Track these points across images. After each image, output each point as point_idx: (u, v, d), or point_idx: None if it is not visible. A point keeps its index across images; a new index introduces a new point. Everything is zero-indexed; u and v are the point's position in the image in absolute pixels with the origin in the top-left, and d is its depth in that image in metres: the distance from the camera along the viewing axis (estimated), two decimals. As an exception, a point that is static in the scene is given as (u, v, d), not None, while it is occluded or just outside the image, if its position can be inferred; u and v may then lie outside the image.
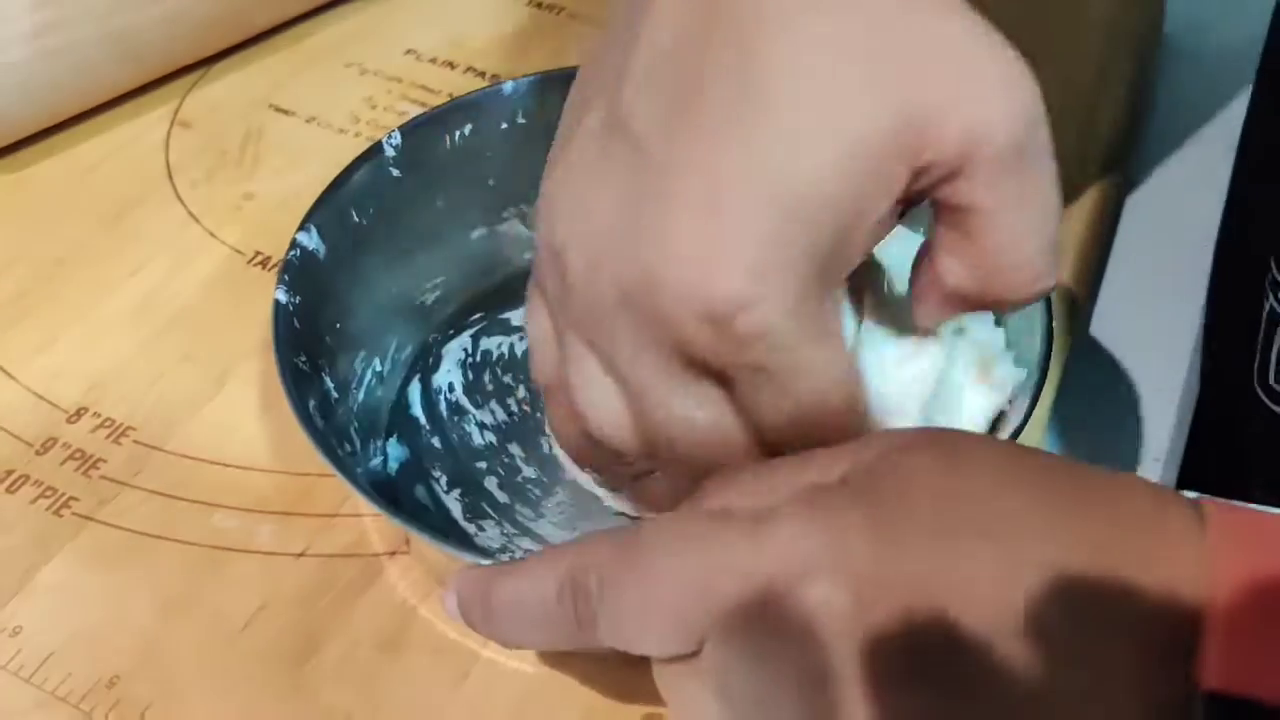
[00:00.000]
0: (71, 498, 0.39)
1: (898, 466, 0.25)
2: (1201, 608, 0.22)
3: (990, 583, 0.23)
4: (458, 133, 0.43)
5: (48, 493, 0.40)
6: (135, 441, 0.41)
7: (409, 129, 0.42)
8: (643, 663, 0.27)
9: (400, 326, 0.42)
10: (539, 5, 0.59)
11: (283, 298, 0.37)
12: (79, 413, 0.42)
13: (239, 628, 0.36)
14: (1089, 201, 0.50)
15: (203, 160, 0.51)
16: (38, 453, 0.41)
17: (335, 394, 0.38)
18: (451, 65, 0.56)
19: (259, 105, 0.53)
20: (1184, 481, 0.42)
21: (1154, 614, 0.22)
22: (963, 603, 0.23)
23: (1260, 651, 0.22)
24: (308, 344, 0.38)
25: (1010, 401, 0.34)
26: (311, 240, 0.39)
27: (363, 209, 0.41)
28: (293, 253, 0.38)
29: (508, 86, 0.43)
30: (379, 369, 0.41)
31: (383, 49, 0.56)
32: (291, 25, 0.57)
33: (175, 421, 0.42)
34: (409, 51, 0.56)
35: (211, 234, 0.48)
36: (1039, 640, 0.22)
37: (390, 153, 0.41)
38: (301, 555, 0.38)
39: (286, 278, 0.38)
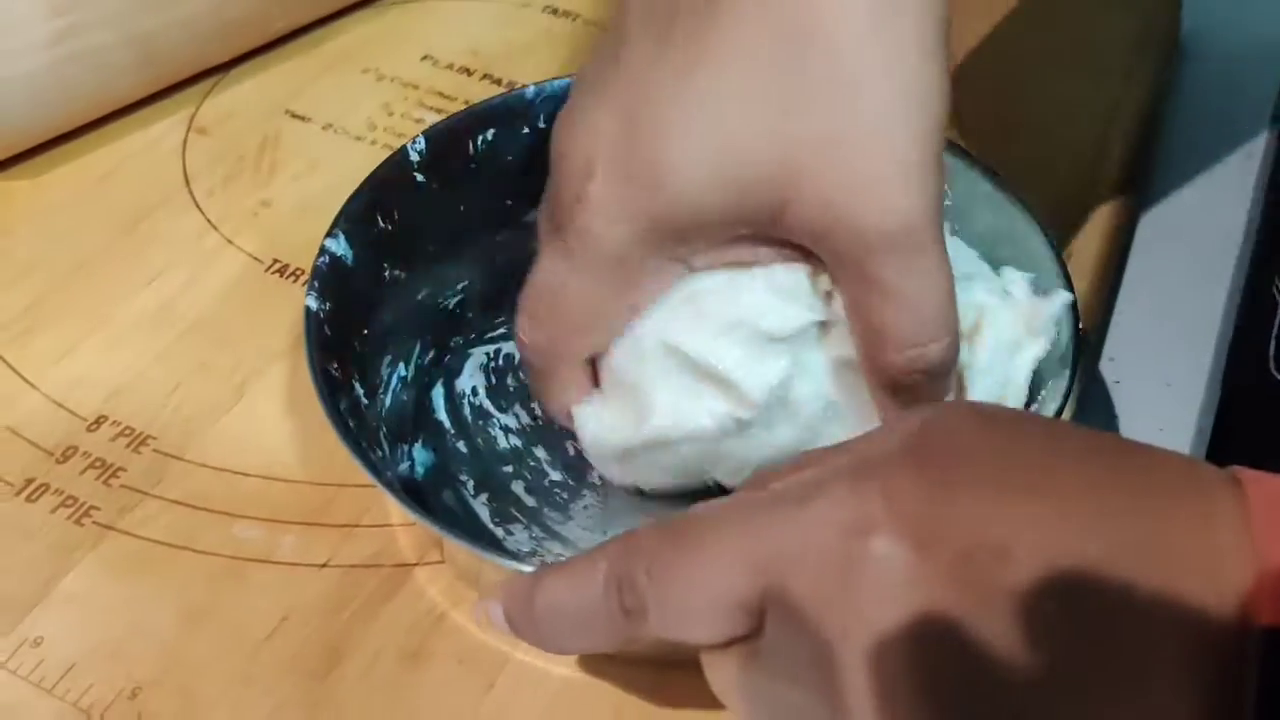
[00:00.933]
0: (92, 507, 0.39)
1: (945, 430, 0.25)
2: (1248, 572, 0.22)
3: (1042, 534, 0.23)
4: (480, 138, 0.42)
5: (68, 501, 0.39)
6: (155, 450, 0.41)
7: (433, 134, 0.42)
8: (673, 666, 0.27)
9: (424, 331, 0.42)
10: (554, 12, 0.59)
11: (314, 304, 0.37)
12: (99, 421, 0.42)
13: (261, 639, 0.36)
14: (1104, 212, 0.50)
15: (219, 167, 0.51)
16: (58, 461, 0.40)
17: (365, 400, 0.38)
18: (468, 72, 0.55)
19: (276, 111, 0.53)
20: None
21: (1198, 553, 0.22)
22: (1019, 549, 0.23)
23: None
24: (338, 350, 0.37)
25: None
26: (340, 246, 0.39)
27: (388, 214, 0.41)
28: (321, 259, 0.38)
29: (530, 91, 0.43)
30: (404, 374, 0.41)
31: (400, 55, 0.56)
32: (309, 30, 0.56)
33: (195, 430, 0.41)
34: (426, 57, 0.56)
35: (229, 241, 0.48)
36: (1086, 596, 0.22)
37: (415, 158, 0.41)
38: (325, 566, 0.38)
39: (316, 284, 0.38)
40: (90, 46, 0.49)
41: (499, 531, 0.38)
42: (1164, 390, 0.46)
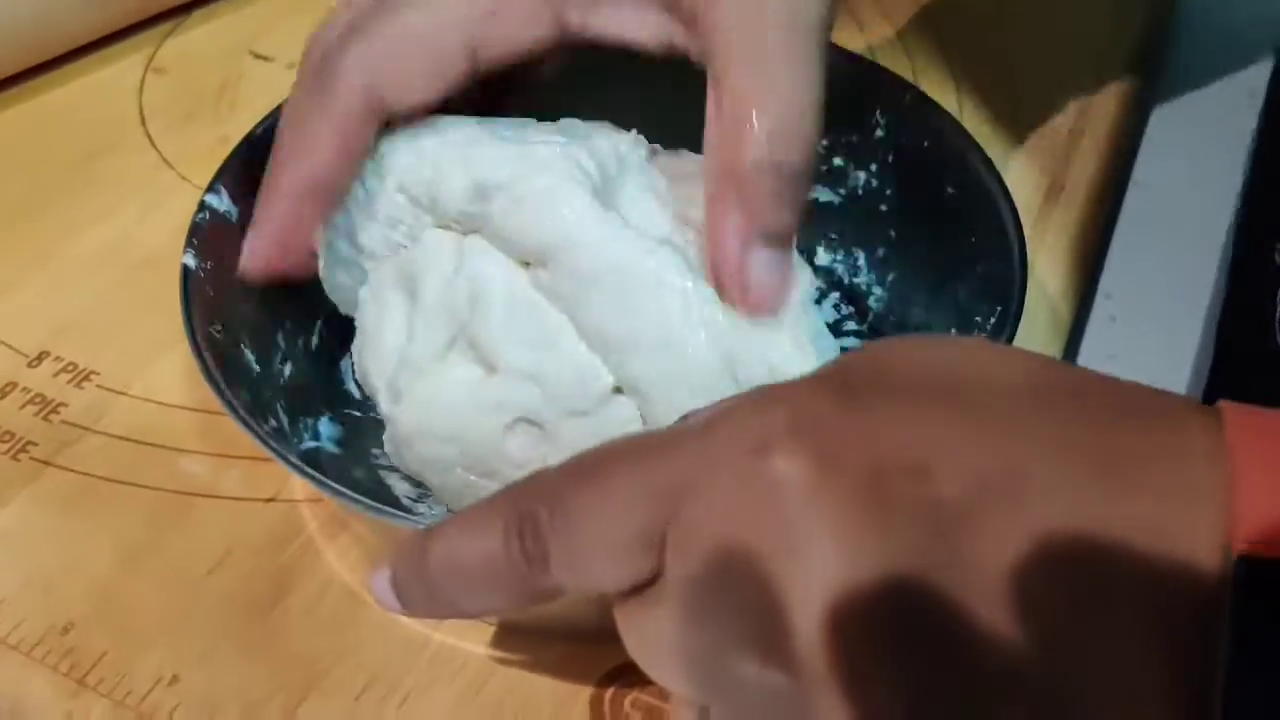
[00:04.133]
0: (29, 442, 0.37)
1: (875, 353, 0.23)
2: (1222, 503, 0.20)
3: (976, 449, 0.20)
4: None
5: (4, 437, 0.38)
6: (98, 386, 0.39)
7: None
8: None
9: (321, 301, 0.37)
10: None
11: (192, 263, 0.34)
12: (40, 356, 0.40)
13: (202, 574, 0.34)
14: (1091, 162, 0.48)
15: (177, 106, 0.49)
16: (-4, 397, 0.39)
17: (256, 367, 0.35)
18: (438, 12, 0.54)
19: (238, 52, 0.51)
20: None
21: (1170, 473, 0.20)
22: (940, 462, 0.20)
23: None
24: (224, 313, 0.34)
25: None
26: (222, 202, 0.35)
27: None
28: (201, 215, 0.35)
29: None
30: (308, 344, 0.38)
31: (367, -4, 0.54)
32: (274, -28, 0.55)
33: (140, 366, 0.40)
34: (394, -2, 0.54)
35: (184, 178, 0.46)
36: (1035, 505, 0.20)
37: None
38: (271, 500, 0.36)
39: (195, 241, 0.34)
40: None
41: (415, 506, 0.35)
42: (1160, 331, 0.44)
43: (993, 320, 0.32)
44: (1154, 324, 0.44)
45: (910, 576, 0.20)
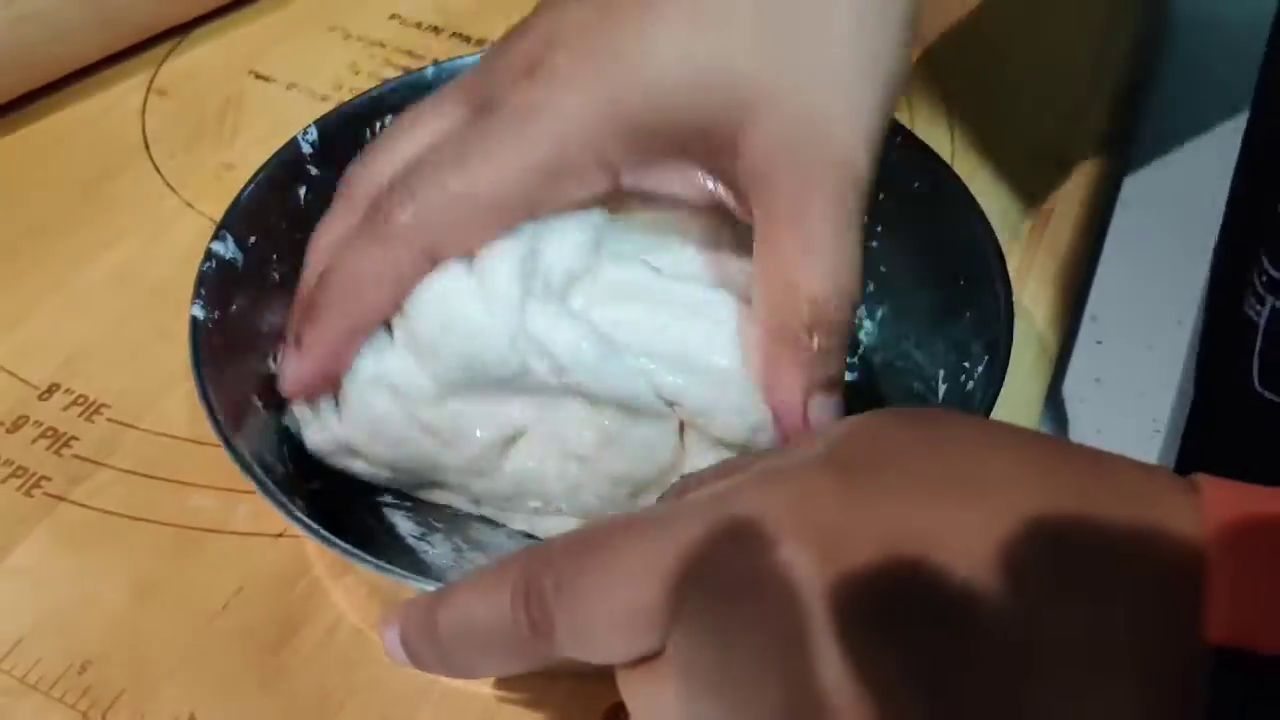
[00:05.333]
0: (43, 477, 0.38)
1: (869, 434, 0.24)
2: (1199, 559, 0.21)
3: (970, 531, 0.21)
4: (378, 124, 0.40)
5: (19, 472, 0.38)
6: (109, 420, 0.40)
7: (326, 123, 0.39)
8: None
9: None
10: (527, -32, 0.57)
11: (200, 314, 0.34)
12: (51, 389, 0.41)
13: (215, 611, 0.35)
14: (1087, 170, 0.48)
15: (180, 129, 0.49)
16: (8, 431, 0.39)
17: (264, 412, 0.36)
18: (436, 30, 0.54)
19: (238, 72, 0.52)
20: (1182, 465, 0.41)
21: (1149, 561, 0.21)
22: (939, 551, 0.21)
23: (1264, 596, 0.21)
24: (232, 360, 0.35)
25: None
26: (228, 249, 0.36)
27: (282, 210, 0.38)
28: (208, 265, 0.35)
29: (430, 71, 0.41)
30: None
31: (368, 13, 0.55)
32: (272, -10, 0.55)
33: (150, 399, 0.40)
34: (394, 16, 0.55)
35: (189, 205, 0.47)
36: (1023, 591, 0.21)
37: (307, 150, 0.39)
38: (280, 536, 0.37)
39: (204, 291, 0.35)
40: (47, 7, 0.48)
41: (420, 545, 0.36)
42: (1145, 352, 0.45)
43: (980, 369, 0.33)
44: (1140, 346, 0.45)
45: (910, 667, 0.21)
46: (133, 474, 0.39)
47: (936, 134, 0.49)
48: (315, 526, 0.30)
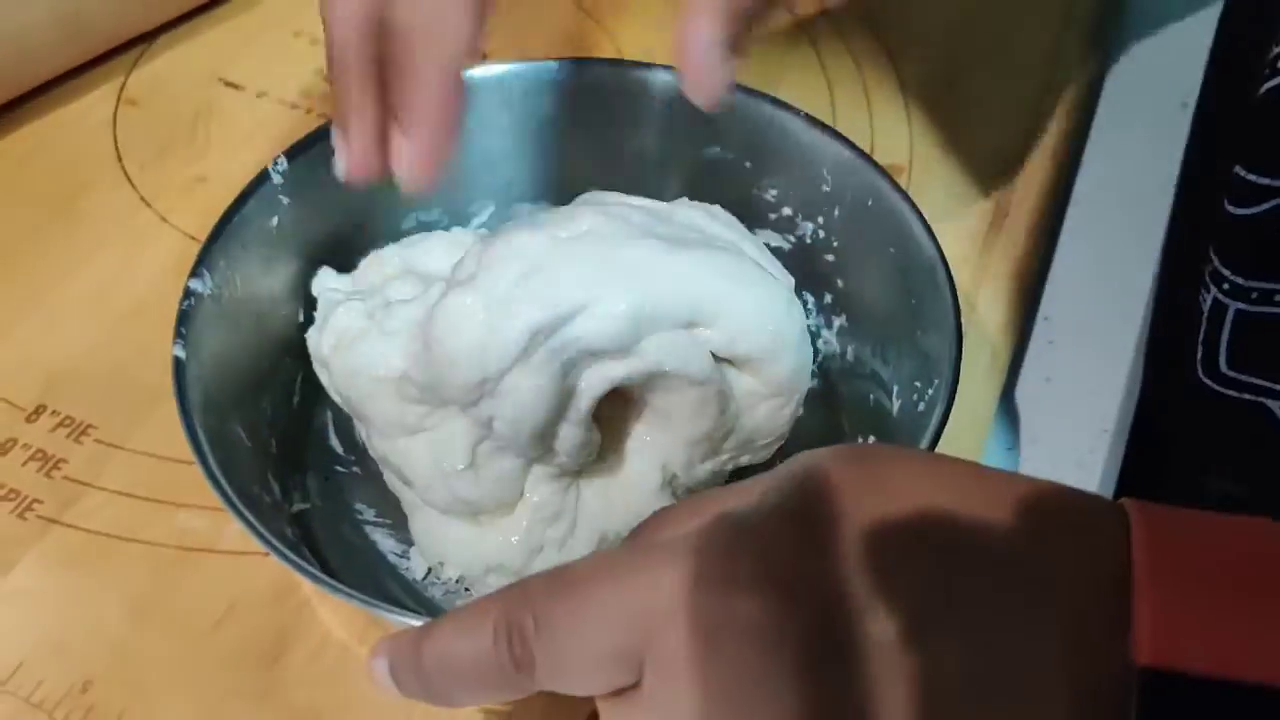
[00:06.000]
0: (35, 500, 0.40)
1: (824, 480, 0.25)
2: (1126, 583, 0.23)
3: (913, 573, 0.23)
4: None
5: (11, 495, 0.40)
6: (96, 440, 0.41)
7: (295, 151, 0.39)
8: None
9: (303, 357, 0.39)
10: (490, -33, 0.58)
11: (182, 354, 0.35)
12: (38, 410, 0.42)
13: (209, 629, 0.37)
14: (1043, 167, 0.50)
15: (152, 140, 0.50)
16: (-1, 454, 0.41)
17: (248, 441, 0.37)
18: (402, 33, 0.55)
19: (208, 80, 0.52)
20: (1130, 462, 0.43)
21: (1081, 585, 0.23)
22: (890, 593, 0.23)
23: (1188, 620, 0.22)
24: (216, 394, 0.36)
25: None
26: (206, 285, 0.37)
27: (259, 241, 0.39)
28: (187, 302, 0.36)
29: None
30: (290, 404, 0.40)
31: (332, 17, 0.55)
32: (236, -5, 0.56)
33: (135, 418, 0.42)
34: (359, 19, 0.55)
35: (164, 219, 0.47)
36: (967, 625, 0.23)
37: (278, 180, 0.39)
38: (269, 554, 0.38)
39: (184, 330, 0.35)
40: (19, 25, 0.48)
41: (400, 562, 0.38)
42: (1096, 352, 0.47)
43: (930, 390, 0.35)
44: (1091, 346, 0.47)
45: (864, 697, 0.23)
46: (123, 495, 0.40)
47: (896, 139, 0.50)
48: (298, 560, 0.32)
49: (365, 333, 0.36)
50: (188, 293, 0.36)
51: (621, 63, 0.46)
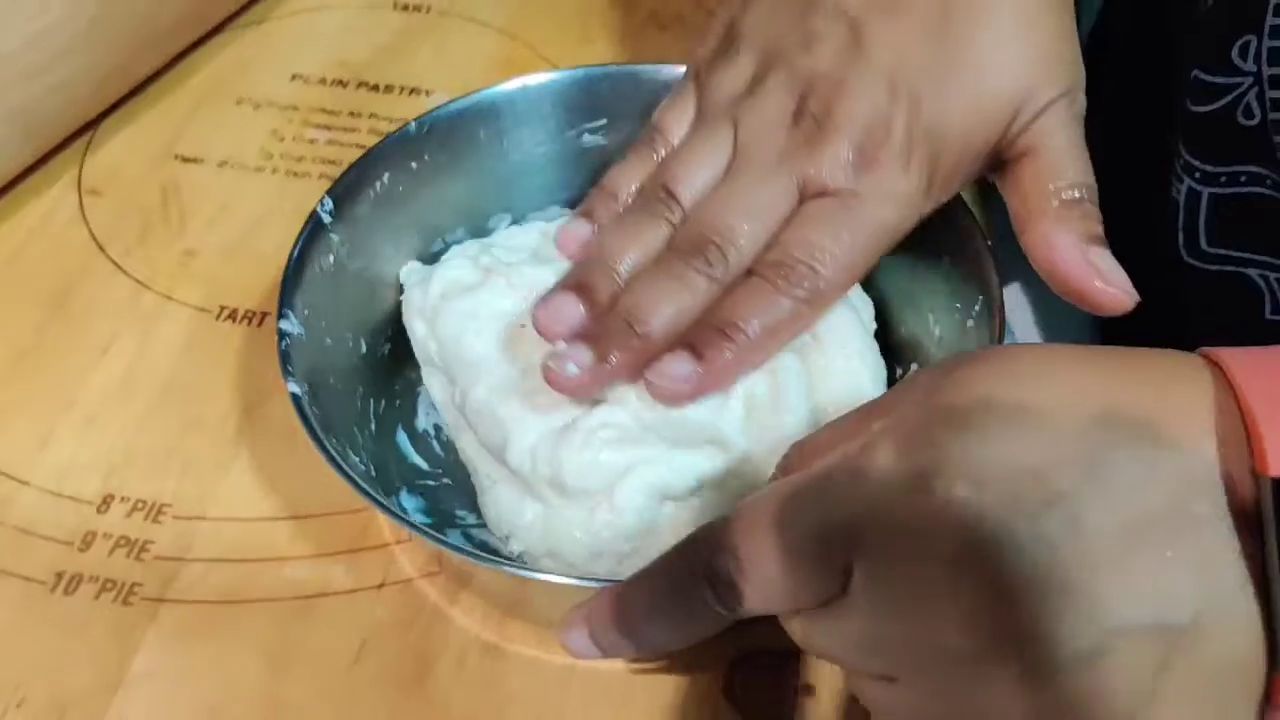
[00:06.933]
0: (135, 584, 0.40)
1: (957, 381, 0.29)
2: (1238, 412, 0.26)
3: (1065, 439, 0.27)
4: (378, 183, 0.43)
5: (108, 585, 0.40)
6: (175, 517, 0.42)
7: (338, 191, 0.42)
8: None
9: (372, 383, 0.42)
10: (405, 8, 0.60)
11: (298, 390, 0.37)
12: (106, 501, 0.42)
13: (349, 665, 0.38)
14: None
15: (128, 226, 0.50)
16: (81, 550, 0.41)
17: (362, 466, 0.39)
18: (342, 83, 0.56)
19: (163, 158, 0.53)
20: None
21: (1204, 428, 0.26)
22: (1052, 460, 0.26)
23: None
24: (327, 423, 0.38)
25: None
26: (293, 325, 0.39)
27: (323, 279, 0.41)
28: (284, 343, 0.38)
29: (411, 128, 0.44)
30: (369, 429, 0.42)
31: (267, 79, 0.56)
32: (167, 70, 0.56)
33: (206, 490, 0.42)
34: (295, 77, 0.56)
35: (168, 297, 0.48)
36: (1113, 471, 0.26)
37: (327, 219, 0.41)
38: (382, 586, 0.40)
39: (290, 368, 0.38)
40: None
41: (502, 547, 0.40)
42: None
43: (976, 307, 0.39)
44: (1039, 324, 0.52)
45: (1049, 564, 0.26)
46: (221, 561, 0.41)
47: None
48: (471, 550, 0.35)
49: (483, 281, 0.40)
50: (281, 335, 0.38)
51: (609, 68, 0.48)
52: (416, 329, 0.42)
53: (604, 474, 0.38)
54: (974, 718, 0.27)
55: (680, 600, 0.30)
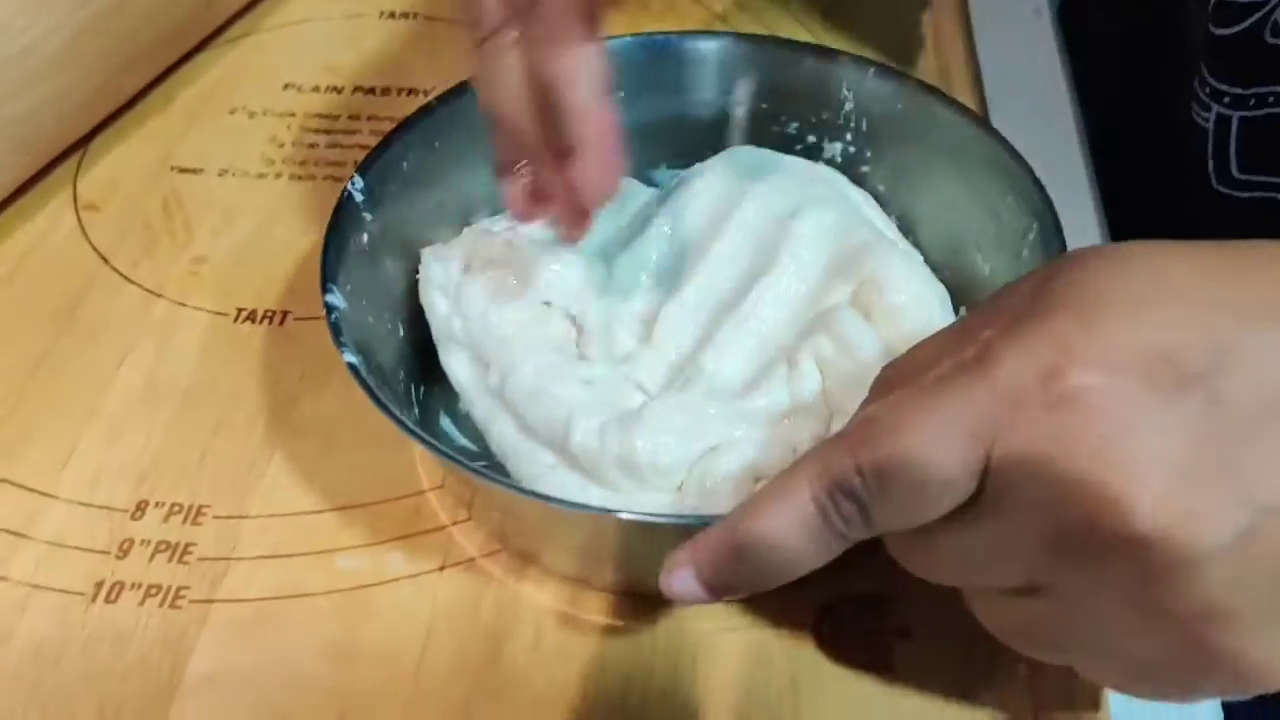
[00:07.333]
0: (181, 588, 0.38)
1: (1069, 279, 0.28)
2: None
3: (1191, 323, 0.26)
4: (404, 162, 0.42)
5: (153, 590, 0.38)
6: (215, 517, 0.40)
7: (367, 169, 0.41)
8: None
9: (413, 369, 0.41)
10: (392, 15, 0.59)
11: (353, 359, 0.36)
12: (140, 508, 0.40)
13: (419, 652, 0.36)
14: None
15: (133, 239, 0.49)
16: (119, 557, 0.39)
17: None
18: (337, 90, 0.55)
19: (160, 170, 0.51)
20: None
21: None
22: (1181, 342, 0.26)
23: None
24: (385, 392, 0.36)
25: None
26: (338, 299, 0.38)
27: (359, 257, 0.40)
28: (333, 315, 0.37)
29: (434, 103, 0.43)
30: (414, 414, 0.40)
31: (260, 89, 0.55)
32: (155, 86, 0.55)
33: (244, 488, 0.40)
34: (288, 86, 0.55)
35: (181, 304, 0.46)
36: (1244, 351, 0.26)
37: (359, 197, 0.40)
38: (442, 569, 0.38)
39: (342, 339, 0.36)
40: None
41: None
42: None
43: (1030, 236, 0.39)
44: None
45: (1191, 441, 0.26)
46: (268, 558, 0.39)
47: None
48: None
49: (507, 256, 0.39)
50: (329, 308, 0.37)
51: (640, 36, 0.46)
52: (438, 305, 0.41)
53: (680, 455, 0.36)
54: (1124, 614, 0.26)
55: (799, 525, 0.29)
